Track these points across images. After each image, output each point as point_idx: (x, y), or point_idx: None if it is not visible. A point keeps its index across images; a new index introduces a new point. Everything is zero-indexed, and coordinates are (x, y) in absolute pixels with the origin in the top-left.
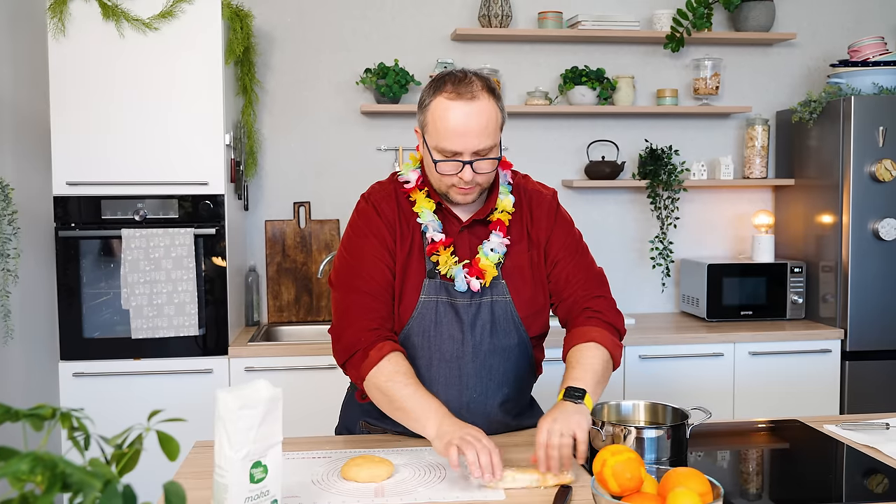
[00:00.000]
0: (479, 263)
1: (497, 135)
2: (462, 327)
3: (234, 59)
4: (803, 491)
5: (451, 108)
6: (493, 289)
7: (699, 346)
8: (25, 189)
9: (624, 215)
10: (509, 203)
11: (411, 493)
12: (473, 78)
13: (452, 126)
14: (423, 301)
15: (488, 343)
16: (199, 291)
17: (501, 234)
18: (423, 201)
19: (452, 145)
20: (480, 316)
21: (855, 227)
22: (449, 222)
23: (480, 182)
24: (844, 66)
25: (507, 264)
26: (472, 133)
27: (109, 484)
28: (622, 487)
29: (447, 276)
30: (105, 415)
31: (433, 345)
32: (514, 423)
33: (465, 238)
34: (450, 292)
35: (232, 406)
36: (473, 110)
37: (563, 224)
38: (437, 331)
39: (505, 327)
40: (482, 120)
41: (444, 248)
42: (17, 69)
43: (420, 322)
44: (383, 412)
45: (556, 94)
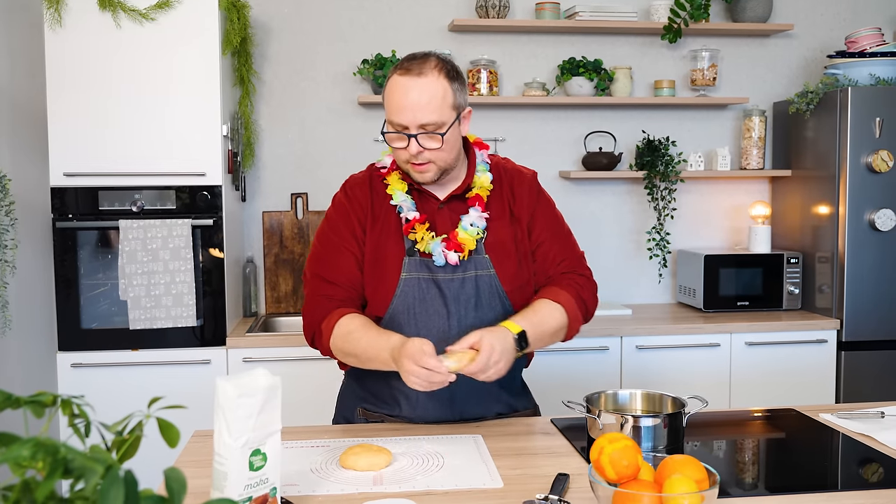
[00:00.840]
0: (457, 237)
1: (446, 113)
2: (446, 302)
3: (230, 50)
4: (799, 479)
5: (400, 81)
6: (477, 263)
7: (696, 336)
8: (22, 180)
9: (621, 206)
10: (487, 179)
11: (409, 481)
12: (432, 58)
13: (397, 98)
14: (404, 279)
15: (473, 317)
16: (196, 282)
17: (480, 209)
18: (396, 183)
19: (398, 118)
20: (464, 290)
21: (851, 218)
22: (427, 201)
23: (432, 159)
24: (841, 57)
25: (490, 239)
26: (415, 106)
27: (111, 469)
28: (619, 475)
29: (426, 253)
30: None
31: (419, 321)
32: (505, 398)
33: (445, 215)
34: (431, 269)
35: (231, 394)
36: (418, 84)
37: (545, 204)
38: (423, 307)
39: (490, 301)
40: (425, 95)
41: (420, 225)
42: (14, 60)
43: (404, 300)
44: (379, 398)
45: (553, 86)
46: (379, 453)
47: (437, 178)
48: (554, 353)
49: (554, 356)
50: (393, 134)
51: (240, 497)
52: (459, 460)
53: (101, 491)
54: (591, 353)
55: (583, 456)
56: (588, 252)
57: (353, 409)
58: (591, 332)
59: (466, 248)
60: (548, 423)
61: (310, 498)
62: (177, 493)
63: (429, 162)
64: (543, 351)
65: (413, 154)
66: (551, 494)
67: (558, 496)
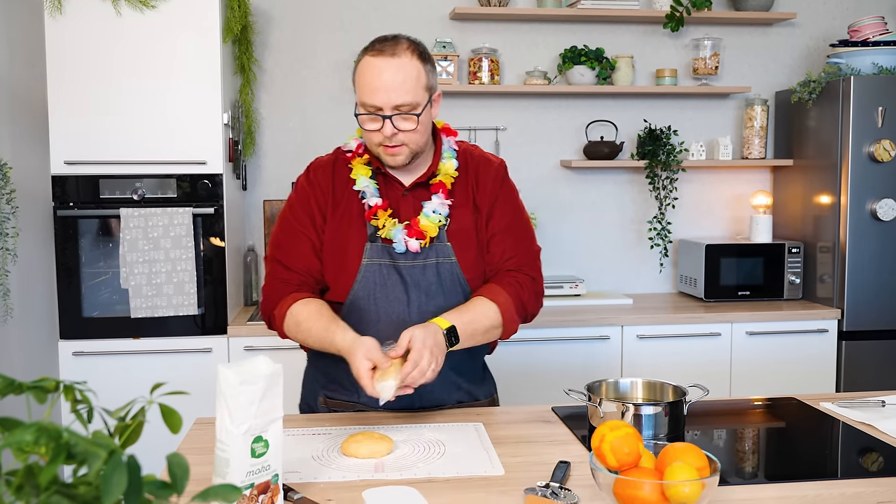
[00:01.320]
0: (418, 224)
1: (420, 94)
2: (406, 288)
3: (231, 38)
4: (799, 467)
5: (373, 62)
6: (439, 250)
7: (697, 325)
8: (23, 168)
9: (622, 196)
10: (452, 167)
11: (411, 468)
12: (402, 38)
13: (371, 79)
14: (365, 264)
15: (433, 303)
16: (197, 271)
17: (443, 196)
18: (360, 168)
19: (372, 99)
20: (425, 276)
21: (853, 208)
22: (392, 187)
23: (405, 141)
24: (844, 45)
25: (452, 227)
26: (391, 87)
27: (114, 454)
28: (620, 462)
29: (388, 239)
30: (105, 394)
31: (380, 307)
32: (465, 386)
33: (408, 202)
34: (392, 255)
35: (233, 381)
36: (393, 65)
37: (507, 195)
38: (383, 293)
39: (450, 288)
40: (400, 75)
41: (382, 212)
42: (14, 47)
43: (364, 285)
44: (339, 384)
45: (554, 74)
46: (380, 441)
47: (408, 162)
48: (555, 342)
49: (555, 345)
50: (366, 115)
51: (242, 484)
52: (461, 448)
53: (103, 476)
54: (592, 342)
55: (584, 444)
56: (589, 241)
57: (315, 396)
58: (592, 322)
59: (428, 236)
60: (548, 411)
61: (311, 485)
62: (179, 479)
63: (402, 144)
64: (544, 340)
65: (387, 136)
66: (552, 482)
67: (559, 483)
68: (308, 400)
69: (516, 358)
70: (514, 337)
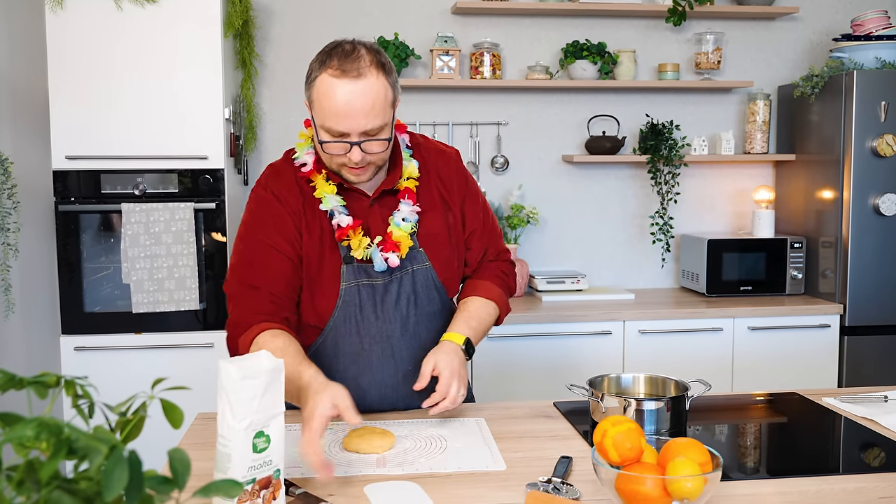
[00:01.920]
0: (392, 237)
1: (387, 113)
2: (386, 307)
3: (232, 33)
4: (800, 463)
5: (336, 86)
6: (413, 260)
7: (698, 321)
8: (25, 163)
9: (624, 190)
10: (414, 169)
11: (412, 463)
12: (362, 51)
13: (336, 106)
14: (344, 288)
15: (414, 314)
16: (199, 266)
17: (411, 203)
18: (324, 186)
19: (339, 125)
20: (403, 289)
21: (855, 203)
22: (356, 199)
23: (373, 161)
24: (847, 40)
25: (422, 231)
26: (359, 114)
27: (115, 450)
28: (622, 457)
29: (364, 259)
30: (106, 389)
31: (362, 329)
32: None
33: (375, 212)
34: (370, 274)
35: (235, 376)
36: (359, 89)
37: (473, 190)
38: (363, 315)
39: (428, 294)
40: (368, 100)
41: (353, 232)
42: (15, 42)
43: (345, 310)
44: None
45: (556, 69)
46: (382, 436)
47: (371, 178)
48: (556, 337)
49: (556, 340)
50: (332, 143)
51: (243, 479)
52: (462, 443)
53: (105, 471)
54: (594, 337)
55: (585, 439)
56: (591, 236)
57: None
58: (594, 317)
59: (404, 247)
60: (550, 406)
61: (313, 480)
62: (181, 474)
63: (369, 164)
64: (545, 335)
65: (355, 161)
66: (554, 477)
67: (561, 479)
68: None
69: (518, 353)
70: (516, 332)
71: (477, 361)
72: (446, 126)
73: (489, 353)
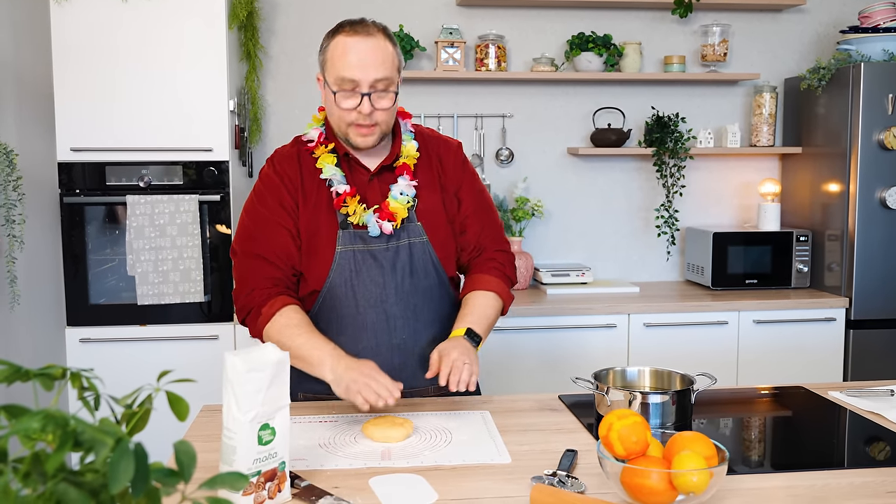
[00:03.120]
0: (388, 207)
1: (394, 72)
2: (382, 272)
3: (237, 24)
4: (807, 457)
5: (349, 41)
6: (410, 231)
7: (704, 314)
8: (29, 155)
9: (629, 183)
10: (413, 148)
11: (417, 456)
12: (370, 22)
13: (350, 55)
14: (339, 252)
15: (409, 283)
16: (204, 258)
17: (408, 178)
18: (325, 156)
19: (350, 73)
20: (399, 258)
21: (862, 196)
22: (357, 173)
23: (380, 121)
24: (854, 32)
25: (421, 207)
26: (369, 64)
27: (121, 442)
28: (628, 451)
29: (360, 225)
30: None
31: (358, 293)
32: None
33: (375, 187)
34: (365, 240)
35: (240, 369)
36: (370, 44)
37: (471, 177)
38: (359, 279)
39: (424, 268)
40: (378, 54)
41: (350, 198)
42: (19, 34)
43: (340, 273)
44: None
45: (562, 61)
46: (398, 427)
47: (376, 143)
48: (561, 330)
49: (561, 333)
50: (343, 93)
51: (249, 471)
52: (467, 436)
53: (111, 463)
54: (599, 330)
55: (591, 432)
56: (596, 229)
57: (295, 392)
58: (599, 310)
59: (399, 217)
60: (555, 399)
61: (318, 472)
62: (186, 466)
63: (375, 125)
64: (550, 328)
65: (365, 113)
66: (559, 470)
67: (566, 472)
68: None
69: (522, 346)
70: (521, 325)
71: (482, 354)
72: (451, 118)
73: (494, 346)
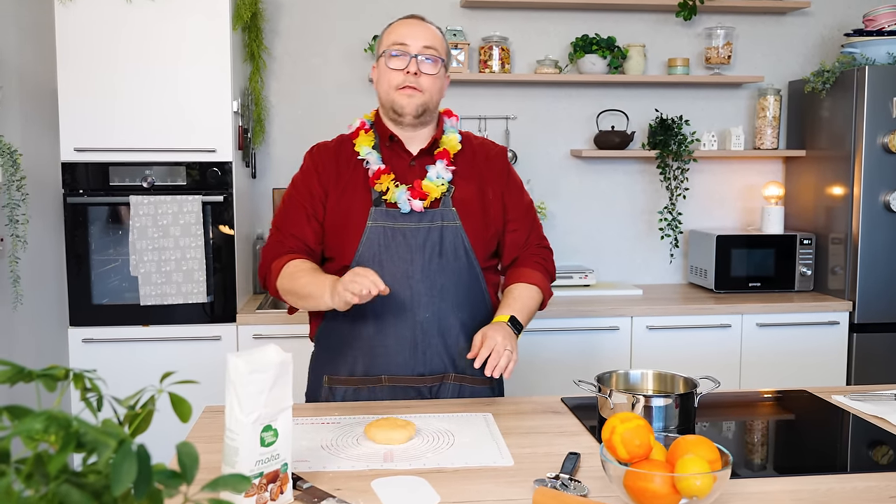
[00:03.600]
0: (421, 186)
1: (443, 51)
2: (410, 249)
3: (241, 25)
4: (810, 461)
5: (403, 21)
6: (444, 215)
7: (707, 317)
8: (33, 155)
9: (633, 185)
10: (455, 139)
11: (420, 458)
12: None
13: (402, 28)
14: (370, 227)
15: (437, 264)
16: (207, 259)
17: (446, 162)
18: (364, 139)
19: (401, 38)
20: (430, 238)
21: (866, 199)
22: (398, 157)
23: (424, 87)
24: (859, 35)
25: (457, 195)
26: (420, 33)
27: (124, 443)
28: (631, 454)
29: (393, 203)
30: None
31: (385, 267)
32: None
33: (415, 171)
34: (396, 218)
35: (243, 370)
36: (422, 24)
37: (516, 182)
38: (388, 254)
39: (454, 251)
40: (429, 30)
41: (385, 176)
42: (24, 34)
43: (369, 248)
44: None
45: (565, 63)
46: (400, 429)
47: (419, 114)
48: (564, 332)
49: (564, 335)
50: (394, 56)
51: (251, 473)
52: (470, 438)
53: (113, 465)
54: (602, 332)
55: (593, 435)
56: (599, 231)
57: (320, 380)
58: (602, 312)
59: (430, 197)
60: (558, 401)
61: (320, 474)
62: (189, 468)
63: (420, 90)
64: (553, 330)
65: (412, 72)
66: (562, 473)
67: (569, 475)
68: (314, 385)
69: (525, 348)
70: None
71: None
72: None
73: None
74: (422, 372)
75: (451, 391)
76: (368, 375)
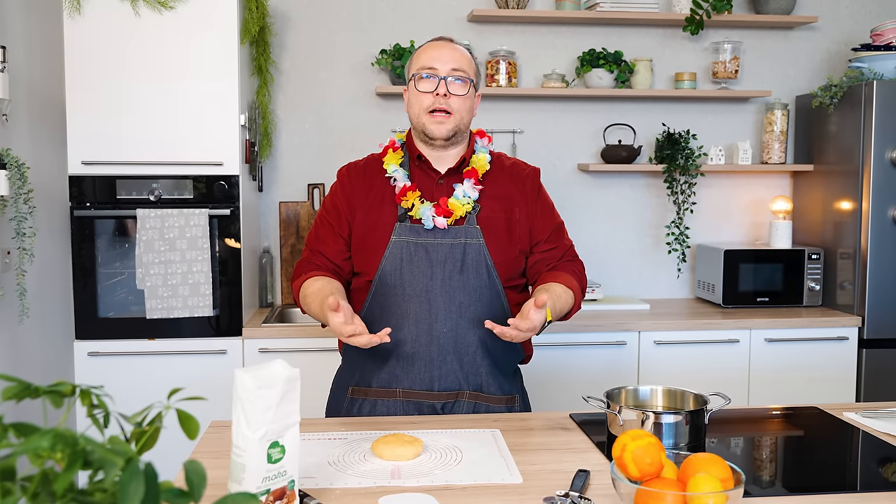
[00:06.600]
0: (447, 204)
1: (472, 70)
2: (431, 264)
3: (249, 39)
4: (820, 479)
5: (432, 44)
6: (468, 232)
7: (714, 332)
8: (41, 168)
9: (640, 200)
10: (484, 159)
11: (428, 475)
12: None
13: (431, 51)
14: (393, 241)
15: (458, 280)
16: (213, 272)
17: (473, 181)
18: (392, 157)
19: (430, 62)
20: (452, 255)
21: (874, 214)
22: (427, 176)
23: (454, 109)
24: (867, 50)
25: (483, 214)
26: (448, 56)
27: (131, 462)
28: (642, 472)
29: (417, 219)
30: (119, 394)
31: (406, 281)
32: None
33: (442, 190)
34: (420, 233)
35: (250, 386)
36: (451, 46)
37: (546, 204)
38: (409, 268)
39: (476, 268)
40: (458, 52)
41: (411, 192)
42: (33, 48)
43: (392, 261)
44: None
45: (573, 77)
46: (408, 445)
47: (449, 137)
48: (571, 347)
49: (570, 350)
50: (424, 79)
51: (258, 490)
52: (478, 455)
53: (121, 483)
54: (609, 347)
55: (602, 451)
56: (606, 245)
57: (344, 392)
58: (609, 327)
59: (455, 215)
60: (566, 417)
61: (328, 491)
62: (196, 487)
63: (449, 113)
64: (560, 345)
65: (441, 94)
66: (572, 491)
67: (579, 493)
68: (336, 396)
69: (532, 363)
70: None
71: None
72: None
73: None
74: (436, 388)
75: (466, 409)
76: (387, 388)
